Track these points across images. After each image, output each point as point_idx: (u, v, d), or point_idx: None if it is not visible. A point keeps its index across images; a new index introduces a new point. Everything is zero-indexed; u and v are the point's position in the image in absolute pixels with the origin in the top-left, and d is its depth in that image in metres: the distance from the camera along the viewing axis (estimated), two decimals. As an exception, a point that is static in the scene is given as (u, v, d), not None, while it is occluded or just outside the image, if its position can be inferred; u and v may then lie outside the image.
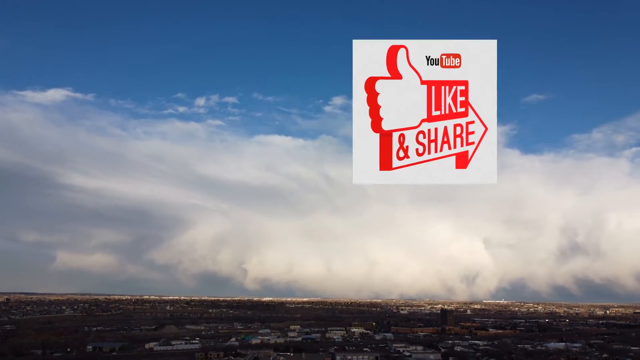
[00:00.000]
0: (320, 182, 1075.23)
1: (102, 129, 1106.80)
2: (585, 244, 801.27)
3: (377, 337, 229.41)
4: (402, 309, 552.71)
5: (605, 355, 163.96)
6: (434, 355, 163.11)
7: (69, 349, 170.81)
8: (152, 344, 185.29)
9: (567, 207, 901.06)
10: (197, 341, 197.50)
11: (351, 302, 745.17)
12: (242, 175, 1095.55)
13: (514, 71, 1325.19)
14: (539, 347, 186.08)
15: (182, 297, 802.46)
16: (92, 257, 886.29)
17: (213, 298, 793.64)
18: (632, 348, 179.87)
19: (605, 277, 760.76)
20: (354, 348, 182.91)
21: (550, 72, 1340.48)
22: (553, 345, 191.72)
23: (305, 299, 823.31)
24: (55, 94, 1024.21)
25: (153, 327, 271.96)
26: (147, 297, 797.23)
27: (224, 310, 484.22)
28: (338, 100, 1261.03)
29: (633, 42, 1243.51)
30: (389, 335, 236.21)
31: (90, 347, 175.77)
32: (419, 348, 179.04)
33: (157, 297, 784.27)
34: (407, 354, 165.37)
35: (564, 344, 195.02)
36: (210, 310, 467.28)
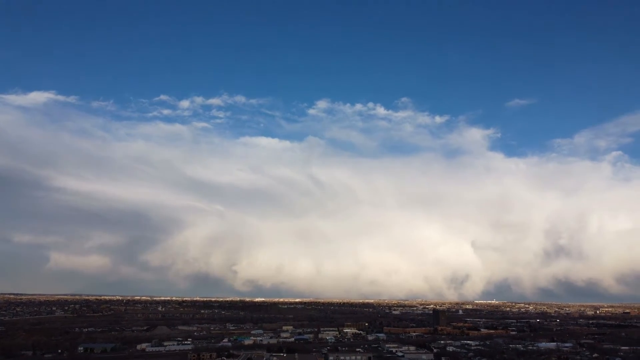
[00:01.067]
0: (309, 184, 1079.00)
1: (86, 131, 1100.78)
2: (568, 246, 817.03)
3: (370, 337, 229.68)
4: (394, 310, 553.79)
5: (595, 355, 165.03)
6: (426, 355, 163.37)
7: (59, 350, 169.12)
8: (143, 345, 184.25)
9: (551, 210, 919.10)
10: (189, 342, 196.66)
11: (344, 303, 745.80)
12: (230, 177, 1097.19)
13: (497, 76, 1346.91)
14: (530, 347, 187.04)
15: (174, 298, 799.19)
16: (84, 258, 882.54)
17: (205, 299, 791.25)
18: (622, 348, 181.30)
19: (588, 278, 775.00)
20: (346, 348, 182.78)
21: (532, 77, 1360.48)
22: (544, 345, 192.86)
23: (297, 300, 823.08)
24: (38, 97, 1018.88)
25: (145, 328, 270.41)
26: (139, 297, 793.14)
27: (216, 310, 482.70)
28: (322, 104, 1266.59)
29: (612, 50, 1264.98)
30: (381, 335, 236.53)
31: (82, 348, 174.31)
32: (412, 348, 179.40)
33: (149, 298, 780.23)
34: (400, 354, 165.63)
35: (555, 343, 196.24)
36: (202, 311, 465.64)
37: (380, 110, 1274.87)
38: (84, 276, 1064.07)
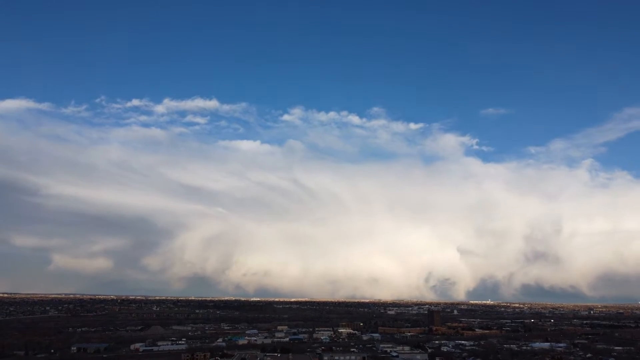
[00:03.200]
0: (292, 187, 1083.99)
1: (61, 137, 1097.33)
2: (546, 250, 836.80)
3: (365, 337, 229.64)
4: (389, 310, 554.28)
5: (589, 355, 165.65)
6: (420, 355, 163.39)
7: (52, 350, 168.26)
8: (137, 345, 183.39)
9: (530, 216, 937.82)
10: (183, 342, 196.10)
11: (339, 302, 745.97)
12: (210, 181, 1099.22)
13: (471, 84, 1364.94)
14: (525, 347, 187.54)
15: (169, 298, 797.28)
16: (79, 261, 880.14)
17: (200, 298, 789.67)
18: (616, 348, 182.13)
19: (566, 281, 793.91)
20: (341, 348, 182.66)
21: (506, 86, 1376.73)
22: (538, 345, 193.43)
23: (293, 299, 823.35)
24: (10, 105, 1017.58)
25: (139, 327, 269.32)
26: (134, 297, 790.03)
27: (211, 310, 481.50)
28: (297, 112, 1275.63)
29: (584, 60, 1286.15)
30: (376, 335, 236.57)
31: (75, 348, 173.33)
32: (406, 348, 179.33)
33: (143, 298, 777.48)
34: (394, 354, 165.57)
35: (549, 344, 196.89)
36: (197, 311, 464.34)
37: (355, 119, 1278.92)
38: (79, 277, 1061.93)
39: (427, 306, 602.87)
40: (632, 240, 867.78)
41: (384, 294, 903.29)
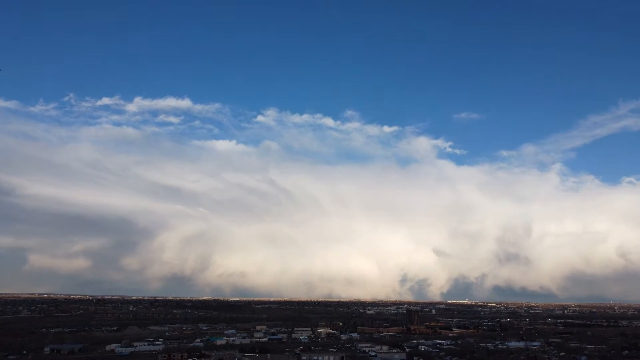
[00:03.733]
0: (269, 188, 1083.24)
1: (30, 136, 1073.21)
2: (517, 252, 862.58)
3: (343, 337, 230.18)
4: (368, 309, 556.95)
5: (562, 353, 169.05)
6: (398, 354, 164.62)
7: (24, 352, 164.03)
8: (113, 346, 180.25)
9: (502, 218, 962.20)
10: (160, 342, 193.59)
11: (318, 302, 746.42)
12: (186, 181, 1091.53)
13: (445, 88, 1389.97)
14: (501, 346, 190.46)
15: (146, 297, 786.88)
16: (58, 261, 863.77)
17: (178, 298, 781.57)
18: (588, 346, 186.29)
19: (536, 282, 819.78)
20: (320, 348, 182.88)
21: (479, 91, 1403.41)
22: (514, 344, 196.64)
23: (272, 299, 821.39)
24: None
25: (115, 328, 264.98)
26: (110, 297, 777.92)
27: (189, 310, 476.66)
28: (271, 113, 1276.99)
29: (554, 68, 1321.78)
30: (355, 335, 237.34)
31: (48, 349, 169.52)
32: (385, 348, 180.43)
33: (120, 297, 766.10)
34: (373, 353, 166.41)
35: (524, 342, 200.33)
36: (175, 311, 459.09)
37: (329, 121, 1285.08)
38: (54, 277, 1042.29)
39: (405, 306, 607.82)
40: (598, 243, 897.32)
41: (360, 294, 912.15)
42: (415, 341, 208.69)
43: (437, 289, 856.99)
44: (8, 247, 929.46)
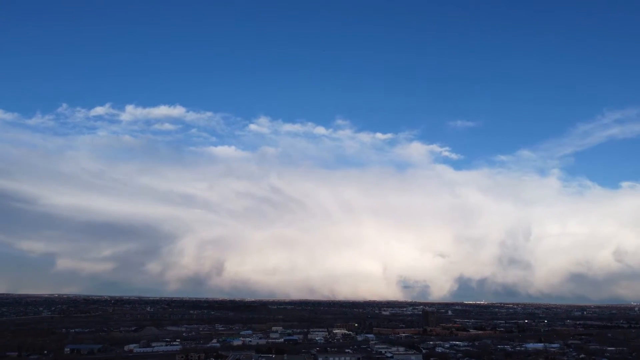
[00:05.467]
0: (272, 192, 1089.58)
1: (31, 145, 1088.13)
2: (519, 255, 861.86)
3: (359, 338, 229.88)
4: (384, 310, 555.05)
5: (582, 355, 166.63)
6: (415, 356, 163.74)
7: (45, 351, 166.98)
8: (131, 346, 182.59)
9: (504, 222, 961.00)
10: (177, 343, 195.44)
11: (334, 303, 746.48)
12: (194, 189, 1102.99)
13: (440, 94, 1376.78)
14: (518, 348, 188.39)
15: (163, 298, 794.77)
16: (81, 264, 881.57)
17: (194, 299, 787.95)
18: (609, 348, 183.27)
19: (537, 284, 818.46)
20: (336, 349, 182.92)
21: (475, 96, 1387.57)
22: (532, 345, 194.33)
23: (287, 300, 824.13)
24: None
25: (133, 328, 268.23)
26: (127, 297, 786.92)
27: (205, 311, 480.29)
28: (263, 121, 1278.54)
29: (548, 73, 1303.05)
30: (370, 336, 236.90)
31: (68, 349, 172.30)
32: (401, 349, 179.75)
33: (137, 298, 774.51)
34: (389, 355, 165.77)
35: (542, 344, 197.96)
36: (191, 312, 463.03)
37: (321, 130, 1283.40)
38: (77, 279, 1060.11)
39: (421, 307, 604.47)
40: (599, 246, 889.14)
41: (365, 296, 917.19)
42: (431, 342, 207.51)
43: (444, 291, 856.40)
44: (40, 253, 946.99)
